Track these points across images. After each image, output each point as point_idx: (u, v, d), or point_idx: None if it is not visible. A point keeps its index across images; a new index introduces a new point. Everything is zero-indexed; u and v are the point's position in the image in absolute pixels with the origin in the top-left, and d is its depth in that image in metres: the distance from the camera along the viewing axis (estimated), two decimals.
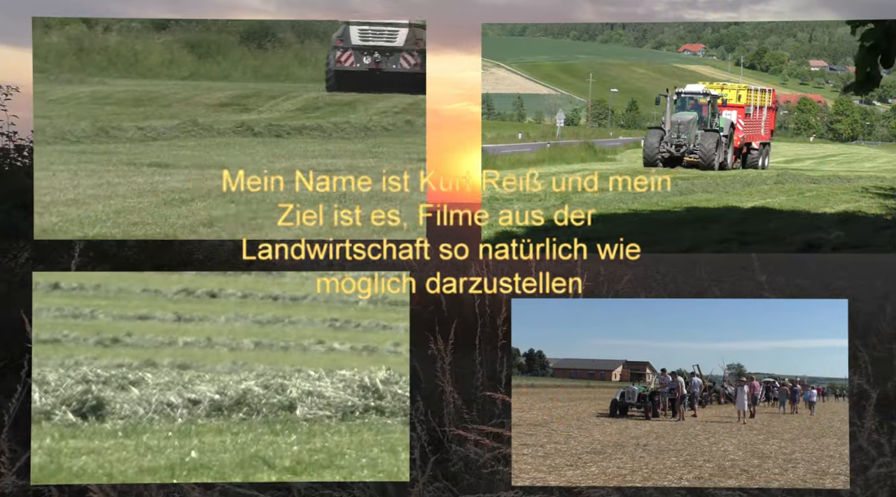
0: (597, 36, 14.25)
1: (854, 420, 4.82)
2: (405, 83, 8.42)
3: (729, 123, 10.78)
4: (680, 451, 4.85)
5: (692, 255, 11.07)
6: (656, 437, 5.14)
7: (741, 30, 12.47)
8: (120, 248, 8.01)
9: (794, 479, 4.51)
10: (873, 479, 4.55)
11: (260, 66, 9.57)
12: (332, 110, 9.12)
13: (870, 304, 9.49)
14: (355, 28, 8.55)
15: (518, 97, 12.75)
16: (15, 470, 4.48)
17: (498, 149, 9.66)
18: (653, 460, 4.64)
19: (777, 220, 6.92)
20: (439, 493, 4.77)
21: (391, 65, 8.54)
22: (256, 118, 8.98)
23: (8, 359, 5.90)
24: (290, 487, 4.72)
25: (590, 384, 5.75)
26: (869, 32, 5.32)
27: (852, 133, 11.47)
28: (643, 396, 5.54)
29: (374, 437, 4.78)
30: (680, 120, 10.65)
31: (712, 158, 10.18)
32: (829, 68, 12.66)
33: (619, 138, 11.58)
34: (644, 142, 10.50)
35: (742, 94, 10.96)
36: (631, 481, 4.48)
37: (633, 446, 4.94)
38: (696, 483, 4.49)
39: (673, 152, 10.20)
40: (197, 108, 6.09)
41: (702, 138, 10.42)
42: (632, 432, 5.28)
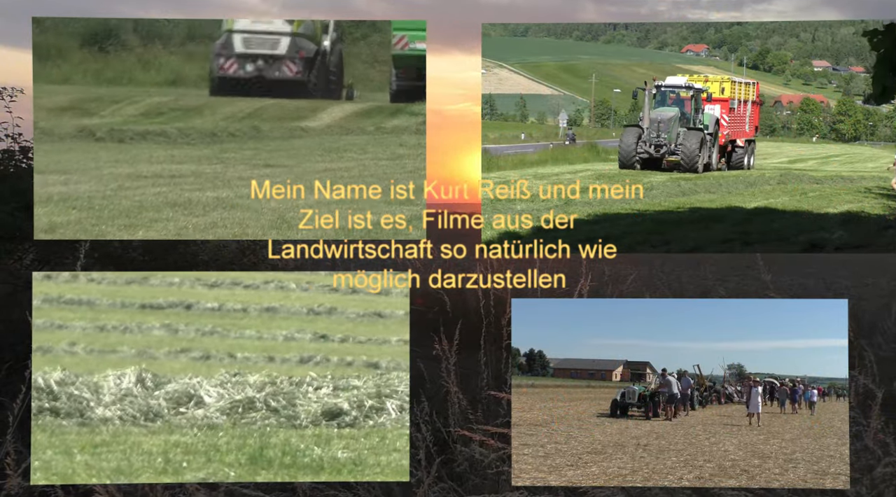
0: (599, 36, 14.24)
1: (860, 420, 4.82)
2: (287, 90, 9.01)
3: (713, 120, 10.03)
4: (680, 451, 4.84)
5: (696, 255, 10.98)
6: (657, 437, 5.13)
7: (744, 30, 12.43)
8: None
9: (795, 479, 4.51)
10: (879, 478, 4.54)
11: (101, 70, 9.24)
12: (176, 116, 8.99)
13: (875, 303, 9.48)
14: (238, 36, 8.82)
15: (521, 98, 12.74)
16: (21, 471, 4.48)
17: (500, 149, 9.66)
18: (653, 460, 4.64)
19: (780, 221, 6.92)
20: (444, 494, 4.77)
21: (273, 72, 8.89)
22: (98, 123, 8.80)
23: (13, 360, 5.91)
24: (295, 488, 4.72)
25: (590, 384, 5.75)
26: (881, 40, 5.21)
27: (855, 133, 11.45)
28: (644, 396, 5.52)
29: (378, 437, 4.79)
30: (660, 117, 9.91)
31: (696, 159, 9.35)
32: (832, 69, 12.64)
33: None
34: (620, 142, 9.78)
35: (725, 86, 10.30)
36: (632, 481, 4.48)
37: (633, 446, 4.93)
38: (696, 483, 4.49)
39: (652, 153, 9.46)
40: (38, 113, 5.96)
41: (684, 137, 9.61)
42: (632, 432, 5.28)
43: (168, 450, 4.61)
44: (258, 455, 4.58)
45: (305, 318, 6.69)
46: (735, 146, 10.07)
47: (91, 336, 5.88)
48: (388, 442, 4.75)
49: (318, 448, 4.66)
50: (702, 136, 9.62)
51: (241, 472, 4.48)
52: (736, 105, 10.36)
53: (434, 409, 5.15)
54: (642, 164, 9.51)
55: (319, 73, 9.35)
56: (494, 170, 7.80)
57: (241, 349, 5.98)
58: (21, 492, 4.48)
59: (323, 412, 4.93)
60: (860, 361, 5.47)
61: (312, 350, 5.96)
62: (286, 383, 5.13)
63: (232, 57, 8.73)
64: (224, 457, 4.57)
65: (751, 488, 4.47)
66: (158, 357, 5.73)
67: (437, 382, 5.46)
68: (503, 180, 7.22)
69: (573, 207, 6.17)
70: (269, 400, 4.99)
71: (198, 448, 4.63)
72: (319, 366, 5.64)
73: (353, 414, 4.94)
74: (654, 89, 10.52)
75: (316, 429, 4.85)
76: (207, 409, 4.96)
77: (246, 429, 4.81)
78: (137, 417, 4.86)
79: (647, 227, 6.35)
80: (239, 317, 6.65)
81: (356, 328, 6.41)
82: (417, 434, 4.84)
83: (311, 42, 9.30)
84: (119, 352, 5.75)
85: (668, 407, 5.41)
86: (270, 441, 4.70)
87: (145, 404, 4.93)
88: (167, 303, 6.59)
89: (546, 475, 4.51)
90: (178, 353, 5.82)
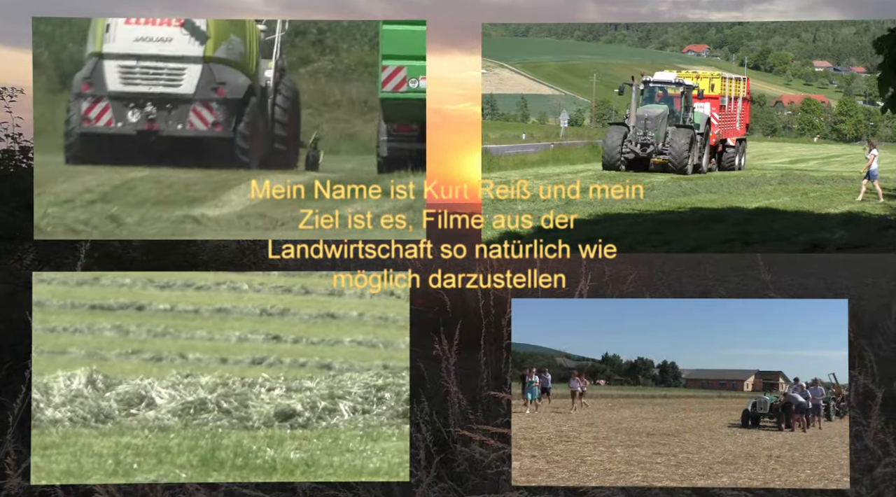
0: (600, 36, 14.25)
1: (860, 420, 4.81)
2: (203, 154, 5.68)
3: (704, 118, 9.62)
4: (815, 464, 4.64)
5: (696, 255, 10.94)
6: (789, 449, 4.93)
7: (745, 30, 12.44)
8: None
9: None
10: (879, 478, 4.54)
11: None
12: None
13: (875, 303, 9.47)
14: (113, 65, 5.55)
15: (521, 97, 12.75)
16: (20, 471, 4.48)
17: (502, 149, 9.67)
18: (786, 472, 4.50)
19: (781, 221, 6.92)
20: (444, 494, 4.77)
21: (174, 124, 5.62)
22: None
23: (13, 360, 5.91)
24: (296, 488, 4.71)
25: (721, 394, 5.61)
26: (885, 39, 5.16)
27: (856, 133, 11.44)
28: (776, 407, 5.28)
29: (331, 438, 4.78)
30: (647, 114, 9.49)
31: (685, 160, 8.88)
32: (833, 69, 12.64)
33: None
34: (604, 141, 9.25)
35: (715, 83, 9.90)
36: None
37: (765, 458, 4.78)
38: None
39: (638, 152, 9.02)
40: None
41: (673, 136, 9.16)
42: (764, 443, 5.09)
43: (119, 451, 4.56)
44: (210, 456, 4.54)
45: (258, 320, 6.60)
46: (726, 146, 9.73)
47: (41, 337, 5.85)
48: (340, 443, 4.73)
49: (271, 449, 4.63)
50: (692, 134, 9.15)
51: (193, 474, 4.44)
52: (727, 102, 9.99)
53: (434, 409, 5.15)
54: (628, 165, 9.05)
55: (254, 124, 5.94)
56: (495, 170, 7.80)
57: (193, 350, 5.90)
58: (21, 492, 4.47)
59: (275, 413, 4.90)
60: (860, 361, 5.46)
61: (265, 351, 5.89)
62: (238, 384, 5.08)
63: (103, 98, 5.68)
64: (175, 458, 4.53)
65: (751, 488, 4.46)
66: (109, 358, 5.67)
67: (437, 382, 5.46)
68: (504, 180, 7.22)
69: (573, 207, 6.17)
70: (221, 401, 4.94)
71: (149, 450, 4.59)
72: (272, 367, 5.60)
73: (306, 415, 4.92)
74: (642, 85, 10.11)
75: (268, 430, 4.82)
76: (159, 410, 4.90)
77: (198, 430, 4.77)
78: (88, 419, 4.80)
79: (647, 227, 6.35)
80: (191, 318, 6.56)
81: (309, 329, 6.34)
82: (417, 434, 4.83)
83: (239, 72, 5.90)
84: (69, 353, 5.68)
85: (798, 417, 5.15)
86: (222, 442, 4.66)
87: (96, 406, 4.86)
88: (118, 304, 6.49)
89: (678, 484, 4.39)
90: (129, 354, 5.75)
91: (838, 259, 14.86)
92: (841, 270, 13.30)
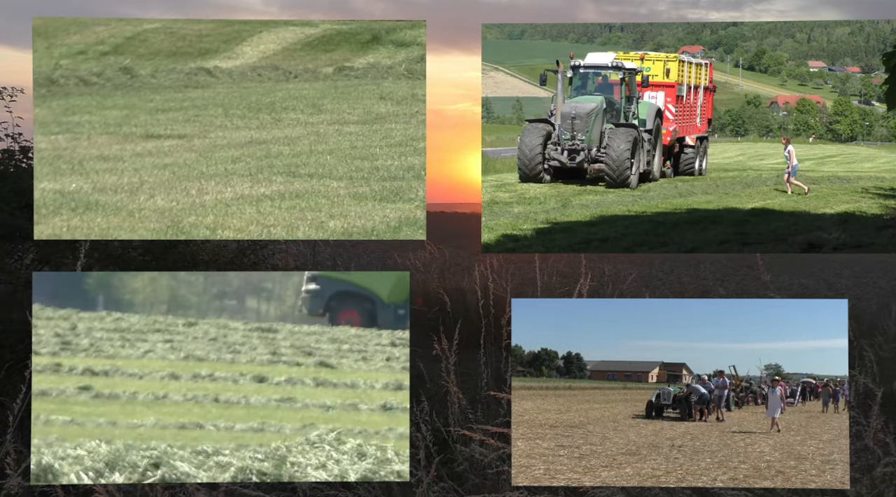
0: (595, 38, 14.26)
1: (860, 420, 4.83)
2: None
3: (653, 111, 7.50)
4: (715, 453, 4.72)
5: (695, 256, 10.94)
6: (691, 439, 5.02)
7: (739, 31, 12.46)
8: None
9: (832, 480, 4.45)
10: (879, 478, 4.56)
11: None
12: None
13: (875, 303, 9.51)
14: None
15: (517, 100, 12.76)
16: (20, 471, 4.48)
17: (498, 152, 9.66)
18: (687, 461, 4.56)
19: (778, 221, 6.94)
20: (444, 494, 4.78)
21: None
22: None
23: (13, 360, 5.91)
24: (296, 488, 4.72)
25: (626, 386, 5.67)
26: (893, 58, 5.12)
27: (851, 133, 11.47)
28: (679, 398, 5.36)
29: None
30: (575, 111, 7.37)
31: (625, 169, 6.70)
32: (827, 69, 12.68)
33: None
34: (519, 144, 7.23)
35: (671, 67, 7.78)
36: (665, 482, 4.41)
37: (668, 448, 4.83)
38: (729, 484, 4.45)
39: (565, 162, 6.92)
40: None
41: (610, 137, 6.99)
42: (667, 434, 5.16)
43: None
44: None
45: None
46: (683, 146, 7.80)
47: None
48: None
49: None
50: (634, 135, 6.98)
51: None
52: (685, 92, 7.92)
53: (434, 409, 5.15)
54: (553, 175, 6.97)
55: None
56: (492, 172, 7.80)
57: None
58: (21, 492, 4.47)
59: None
60: (860, 361, 5.49)
61: None
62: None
63: None
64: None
65: (751, 488, 4.47)
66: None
67: (437, 382, 5.47)
68: (501, 182, 7.23)
69: (571, 209, 6.19)
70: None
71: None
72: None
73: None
74: (570, 71, 7.93)
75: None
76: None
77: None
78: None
79: (644, 229, 6.36)
80: None
81: None
82: (417, 434, 4.84)
83: None
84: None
85: (700, 408, 5.27)
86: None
87: None
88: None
89: (580, 476, 4.45)
90: None
91: (838, 259, 14.92)
92: (841, 270, 13.35)
